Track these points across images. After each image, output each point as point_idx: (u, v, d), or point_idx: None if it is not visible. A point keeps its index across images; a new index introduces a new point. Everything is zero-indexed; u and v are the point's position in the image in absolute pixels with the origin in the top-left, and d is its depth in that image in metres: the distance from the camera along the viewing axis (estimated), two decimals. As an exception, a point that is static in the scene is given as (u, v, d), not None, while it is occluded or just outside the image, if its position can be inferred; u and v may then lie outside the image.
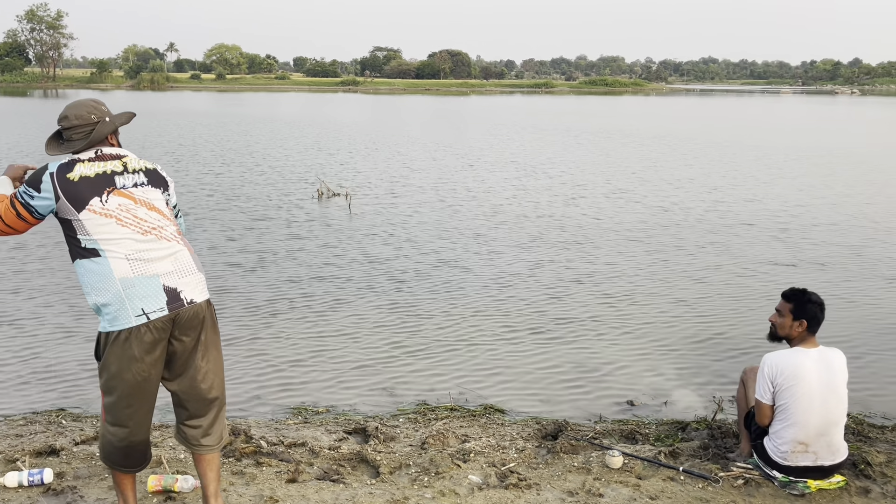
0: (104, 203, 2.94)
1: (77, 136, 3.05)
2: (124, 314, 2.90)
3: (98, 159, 3.03)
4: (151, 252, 2.96)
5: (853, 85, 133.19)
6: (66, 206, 2.91)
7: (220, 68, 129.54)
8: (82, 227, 2.92)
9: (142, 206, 3.01)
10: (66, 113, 3.08)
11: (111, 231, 2.92)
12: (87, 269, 2.94)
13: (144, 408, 3.06)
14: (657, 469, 3.94)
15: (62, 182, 2.92)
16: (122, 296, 2.90)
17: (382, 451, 4.31)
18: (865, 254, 9.52)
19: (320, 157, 20.49)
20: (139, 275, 2.92)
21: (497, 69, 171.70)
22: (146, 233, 2.98)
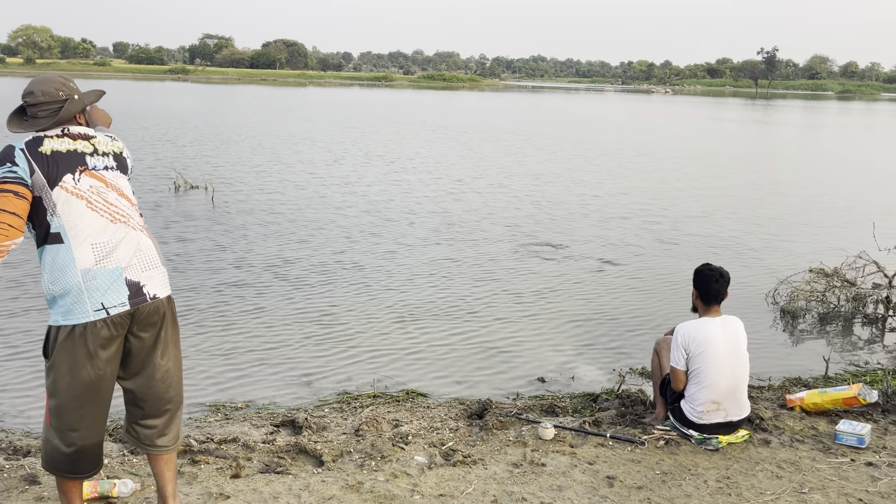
0: (76, 182, 2.75)
1: (43, 114, 2.84)
2: (81, 307, 2.70)
3: (67, 136, 2.82)
4: (116, 242, 2.77)
5: (666, 85, 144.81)
6: (40, 181, 2.69)
7: (29, 52, 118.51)
8: (52, 207, 2.70)
9: (112, 190, 2.84)
10: (31, 88, 2.86)
11: (80, 214, 2.72)
12: (51, 257, 2.72)
13: (98, 409, 2.83)
14: (586, 437, 4.25)
15: (34, 155, 2.71)
16: (81, 287, 2.69)
17: (319, 440, 4.31)
18: (724, 236, 10.57)
19: (170, 150, 19.44)
20: (102, 267, 2.73)
21: (335, 61, 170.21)
22: (114, 220, 2.80)
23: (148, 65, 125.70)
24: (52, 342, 2.79)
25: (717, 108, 63.56)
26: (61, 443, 2.82)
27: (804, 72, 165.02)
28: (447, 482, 3.72)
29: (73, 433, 2.81)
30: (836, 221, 12.07)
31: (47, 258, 2.74)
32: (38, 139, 2.78)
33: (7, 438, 4.35)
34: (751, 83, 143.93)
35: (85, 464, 2.89)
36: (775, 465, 3.85)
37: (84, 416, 2.81)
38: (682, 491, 3.58)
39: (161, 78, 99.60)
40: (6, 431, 4.53)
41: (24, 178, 2.69)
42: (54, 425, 2.82)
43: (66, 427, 2.80)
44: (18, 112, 2.94)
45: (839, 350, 6.29)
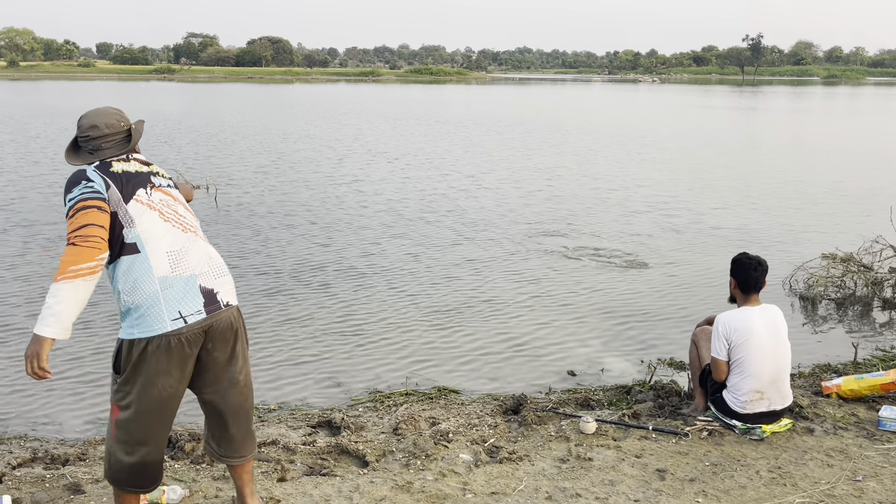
0: (149, 195, 2.80)
1: (108, 145, 2.89)
2: (158, 316, 2.70)
3: (133, 161, 2.92)
4: (189, 250, 2.81)
5: (653, 74, 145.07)
6: (115, 195, 2.73)
7: (12, 54, 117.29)
8: (128, 218, 2.72)
9: (179, 204, 2.92)
10: (94, 122, 2.89)
11: (154, 224, 2.76)
12: (126, 267, 2.73)
13: (165, 425, 2.88)
14: (627, 430, 4.24)
15: (108, 174, 2.77)
16: (158, 296, 2.71)
17: (359, 440, 4.29)
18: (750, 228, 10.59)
19: (169, 151, 19.29)
20: (178, 274, 2.75)
21: (320, 57, 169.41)
22: (186, 230, 2.84)
23: (133, 65, 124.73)
24: (124, 356, 2.77)
25: (707, 96, 63.75)
26: (126, 456, 2.83)
27: (789, 58, 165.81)
28: (497, 479, 3.70)
29: (140, 447, 2.82)
30: (851, 208, 12.07)
31: (122, 269, 2.74)
32: (106, 162, 2.84)
33: (43, 447, 4.31)
34: (737, 70, 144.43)
35: (147, 478, 2.91)
36: (824, 454, 3.85)
37: (152, 431, 2.83)
38: (735, 482, 3.57)
39: (146, 78, 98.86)
40: (41, 440, 4.49)
41: (102, 192, 2.72)
42: (120, 438, 2.82)
43: (132, 441, 2.81)
44: (74, 146, 2.95)
45: (863, 335, 6.31)
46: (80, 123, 2.92)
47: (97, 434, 4.56)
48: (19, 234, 9.59)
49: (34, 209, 11.15)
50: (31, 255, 8.55)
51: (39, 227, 9.97)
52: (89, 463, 4.03)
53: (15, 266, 8.07)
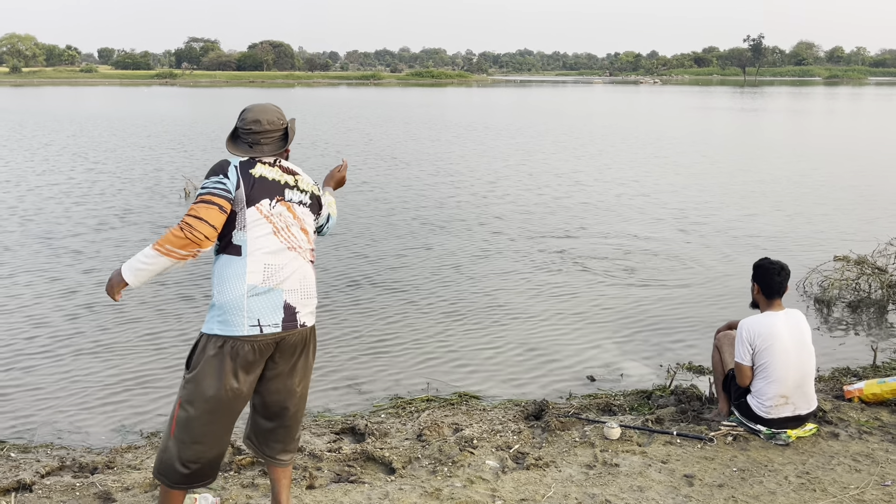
0: (271, 207, 2.89)
1: (267, 141, 2.99)
2: (238, 319, 2.81)
3: (277, 167, 2.99)
4: (287, 267, 2.89)
5: (654, 75, 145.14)
6: (241, 197, 2.84)
7: (14, 60, 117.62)
8: (242, 222, 2.84)
9: (297, 224, 2.97)
10: (258, 117, 2.98)
11: (264, 234, 2.86)
12: (224, 263, 2.86)
13: (226, 427, 2.94)
14: (652, 436, 4.26)
15: (245, 175, 2.87)
16: (243, 300, 2.81)
17: (384, 447, 4.30)
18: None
19: (178, 156, 19.33)
20: (268, 286, 2.85)
21: (321, 61, 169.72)
22: (291, 248, 2.93)
23: (134, 70, 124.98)
24: (198, 351, 2.87)
25: (711, 97, 63.76)
26: (182, 453, 2.89)
27: (790, 58, 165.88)
28: (525, 486, 3.72)
29: (198, 446, 2.89)
30: (864, 210, 12.03)
31: (220, 265, 2.89)
32: (252, 161, 2.94)
33: (70, 455, 4.33)
34: (738, 71, 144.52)
35: (199, 476, 2.98)
36: (850, 459, 3.87)
37: (212, 431, 2.90)
38: (764, 488, 3.58)
39: (148, 83, 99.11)
40: (68, 448, 4.51)
41: (230, 191, 2.84)
42: (178, 436, 2.89)
43: (190, 440, 2.87)
44: (234, 136, 3.04)
45: (880, 338, 6.32)
46: (243, 116, 3.01)
47: (123, 442, 4.58)
48: (35, 248, 9.62)
49: (52, 220, 11.17)
50: (52, 270, 8.58)
51: (60, 240, 9.99)
52: (118, 471, 4.05)
53: (32, 283, 8.10)
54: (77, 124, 29.31)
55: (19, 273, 8.04)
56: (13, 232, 9.91)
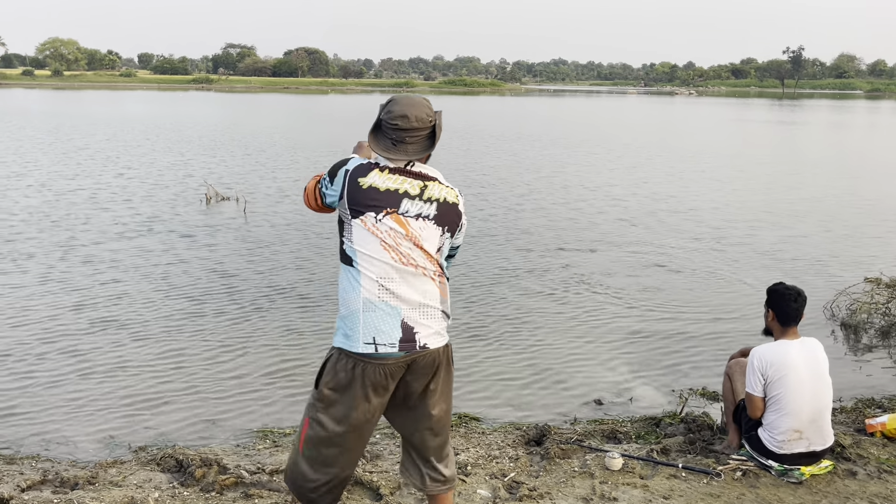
0: (377, 221, 2.68)
1: (412, 140, 2.71)
2: (356, 334, 2.67)
3: (399, 173, 2.71)
4: (403, 284, 2.68)
5: (689, 86, 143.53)
6: (344, 208, 2.72)
7: (56, 64, 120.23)
8: (349, 233, 2.71)
9: (409, 240, 2.69)
10: (405, 111, 2.70)
11: (371, 248, 2.68)
12: (344, 277, 2.75)
13: (357, 448, 2.82)
14: (656, 468, 4.02)
15: (351, 184, 2.70)
16: (359, 316, 2.67)
17: (374, 470, 4.13)
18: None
19: (209, 162, 19.44)
20: (382, 301, 2.66)
21: (356, 68, 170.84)
22: (406, 264, 2.70)
23: (172, 75, 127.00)
24: (328, 371, 2.75)
25: (750, 109, 62.74)
26: (312, 473, 2.81)
27: (831, 71, 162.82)
28: (516, 520, 3.51)
29: (327, 468, 2.79)
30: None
31: (342, 278, 2.79)
32: (368, 167, 2.72)
33: (54, 469, 4.22)
34: (776, 83, 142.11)
35: (328, 498, 2.87)
36: (867, 500, 3.60)
37: (342, 453, 2.79)
38: (771, 531, 3.33)
39: (185, 88, 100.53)
40: (53, 461, 4.40)
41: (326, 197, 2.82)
42: (307, 454, 2.80)
43: (320, 460, 2.78)
44: (377, 128, 2.78)
45: (909, 367, 5.98)
46: (389, 108, 2.75)
47: (109, 456, 4.46)
48: (58, 255, 9.64)
49: (77, 226, 11.21)
50: (68, 280, 8.57)
51: (82, 248, 10.00)
52: (98, 488, 3.93)
53: (49, 293, 8.07)
54: (112, 128, 29.71)
55: (34, 283, 7.93)
56: (35, 238, 9.88)
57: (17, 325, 6.51)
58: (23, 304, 7.06)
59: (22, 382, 5.42)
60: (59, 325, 6.54)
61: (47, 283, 7.79)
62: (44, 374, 5.56)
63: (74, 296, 7.34)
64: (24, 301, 7.15)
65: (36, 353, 5.92)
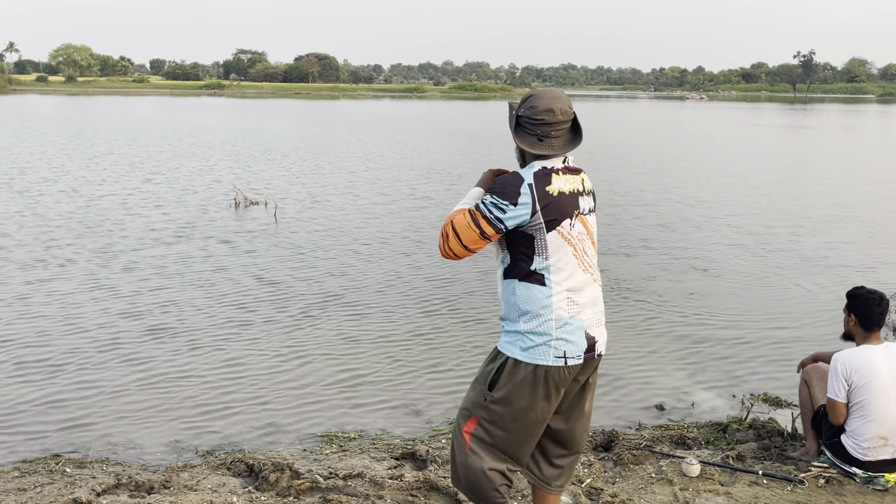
0: (571, 227, 2.60)
1: (557, 134, 2.63)
2: (544, 351, 2.62)
3: (568, 172, 2.64)
4: (585, 294, 2.66)
5: (700, 91, 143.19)
6: (538, 223, 2.55)
7: (70, 70, 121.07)
8: (543, 248, 2.58)
9: (589, 238, 2.68)
10: (550, 105, 2.62)
11: (567, 261, 2.60)
12: (526, 293, 2.62)
13: (529, 446, 2.82)
14: (734, 474, 3.98)
15: (542, 195, 2.55)
16: (552, 335, 2.61)
17: (448, 476, 4.10)
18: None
19: (235, 167, 19.49)
20: (573, 317, 2.63)
21: (366, 73, 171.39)
22: (585, 271, 2.66)
23: (184, 80, 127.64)
24: (507, 375, 2.69)
25: (764, 113, 62.45)
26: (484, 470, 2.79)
27: (842, 75, 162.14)
28: (603, 526, 3.48)
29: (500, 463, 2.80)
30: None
31: (521, 294, 2.64)
32: (547, 174, 2.61)
33: (126, 472, 4.22)
34: (787, 88, 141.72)
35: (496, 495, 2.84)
36: (958, 509, 3.55)
37: (519, 451, 2.80)
38: (867, 539, 3.29)
39: (198, 93, 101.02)
40: (123, 465, 4.40)
41: (505, 224, 2.57)
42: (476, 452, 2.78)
43: (494, 459, 2.78)
44: (517, 126, 2.70)
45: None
46: (531, 104, 2.65)
47: (178, 460, 4.46)
48: (98, 262, 9.66)
49: (113, 233, 11.25)
50: (114, 285, 8.58)
51: (124, 254, 10.02)
52: (174, 492, 3.93)
53: (96, 299, 8.09)
54: (133, 133, 29.88)
55: (82, 290, 7.87)
56: (73, 244, 9.89)
57: (72, 333, 6.50)
58: (74, 312, 7.05)
59: (84, 390, 5.42)
60: (113, 333, 6.52)
61: (95, 289, 7.77)
62: (105, 382, 5.55)
63: (123, 303, 7.33)
64: (74, 309, 7.14)
65: (95, 362, 5.90)
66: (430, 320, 7.03)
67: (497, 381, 2.70)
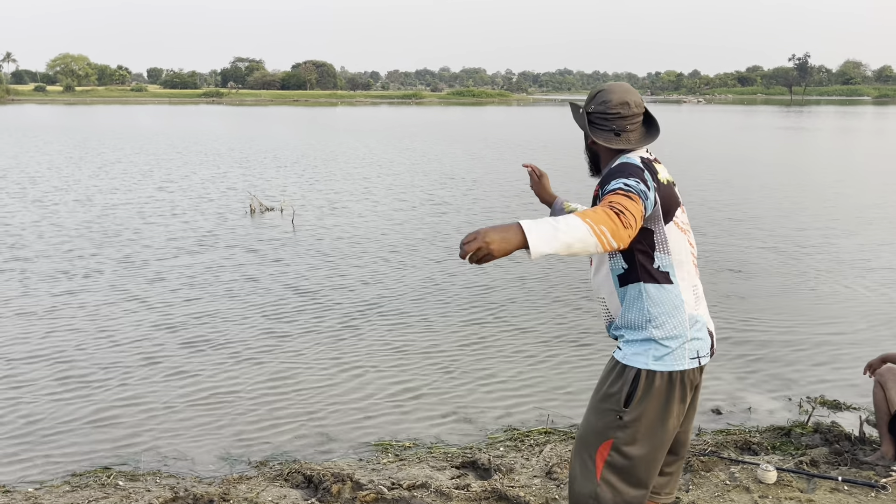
0: (681, 217, 2.46)
1: (633, 128, 2.51)
2: (680, 354, 2.44)
3: (659, 163, 2.52)
4: (699, 287, 2.53)
5: (697, 95, 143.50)
6: (657, 213, 2.39)
7: (67, 80, 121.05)
8: (663, 243, 2.42)
9: (690, 229, 2.55)
10: (623, 98, 2.52)
11: (685, 255, 2.46)
12: (658, 295, 2.44)
13: (660, 464, 2.57)
14: (812, 481, 3.87)
15: (658, 183, 2.40)
16: (686, 335, 2.44)
17: (515, 485, 4.00)
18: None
19: (247, 173, 19.38)
20: (699, 313, 2.49)
21: (363, 80, 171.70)
22: (695, 264, 2.54)
23: (182, 89, 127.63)
24: (642, 390, 2.45)
25: (763, 116, 62.44)
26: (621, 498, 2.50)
27: (837, 77, 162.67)
28: (688, 535, 3.37)
29: (637, 490, 2.51)
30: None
31: (652, 296, 2.45)
32: (649, 162, 2.47)
33: (181, 485, 4.10)
34: (783, 90, 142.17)
35: None
36: None
37: (653, 472, 2.54)
38: (969, 546, 3.19)
39: (196, 101, 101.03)
40: (177, 477, 4.28)
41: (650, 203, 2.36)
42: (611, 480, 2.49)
43: (631, 483, 2.50)
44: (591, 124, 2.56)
45: None
46: (604, 99, 2.54)
47: (232, 471, 4.35)
48: (122, 272, 9.54)
49: (136, 243, 11.13)
50: (148, 297, 8.46)
51: (150, 264, 9.90)
52: (235, 504, 3.81)
53: (132, 311, 7.97)
54: (139, 142, 29.78)
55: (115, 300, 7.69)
56: (97, 254, 9.74)
57: (110, 347, 6.33)
58: (109, 325, 6.88)
59: (128, 403, 5.28)
60: (152, 346, 6.33)
61: (126, 301, 7.61)
62: (149, 395, 5.42)
63: (156, 315, 7.17)
64: (108, 321, 6.98)
65: (137, 376, 5.75)
66: (475, 329, 6.86)
67: (632, 397, 2.47)
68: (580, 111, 2.64)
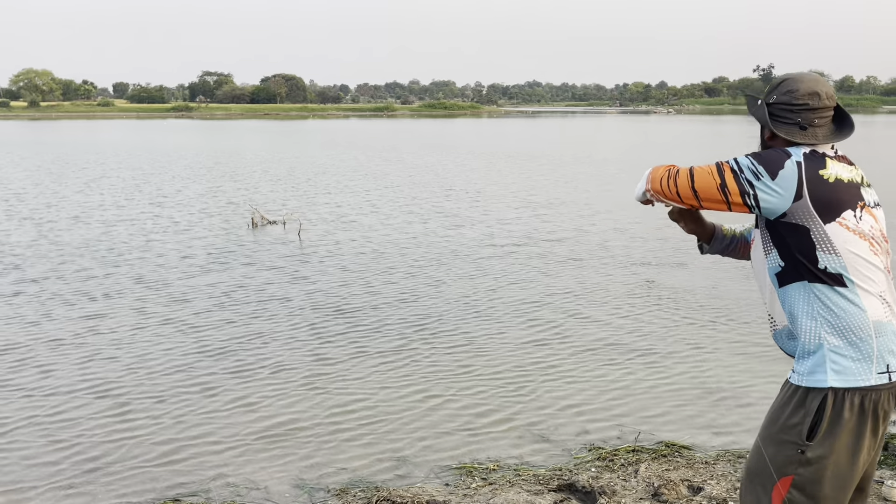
0: (858, 220, 2.21)
1: (822, 122, 2.29)
2: (865, 366, 2.17)
3: (840, 160, 2.28)
4: (889, 295, 2.25)
5: (666, 105, 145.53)
6: (807, 211, 2.18)
7: (32, 95, 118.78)
8: (826, 242, 2.18)
9: (881, 233, 2.29)
10: (813, 88, 2.29)
11: (865, 258, 2.21)
12: (822, 297, 2.20)
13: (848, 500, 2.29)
14: (935, 495, 3.74)
15: (813, 178, 2.18)
16: (871, 344, 2.17)
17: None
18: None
19: (242, 187, 19.02)
20: (888, 320, 2.21)
21: (333, 93, 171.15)
22: (888, 269, 2.28)
23: (149, 103, 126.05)
24: (829, 414, 2.16)
25: (735, 125, 63.43)
26: None
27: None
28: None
29: None
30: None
31: (819, 296, 2.23)
32: (820, 157, 2.25)
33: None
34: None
35: None
36: None
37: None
38: None
39: (165, 116, 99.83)
40: (235, 506, 4.01)
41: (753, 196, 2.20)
42: None
43: None
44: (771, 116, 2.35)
45: None
46: (790, 88, 2.32)
47: (311, 499, 4.09)
48: (143, 294, 9.16)
49: (153, 261, 10.75)
50: (176, 318, 8.10)
51: (171, 285, 9.53)
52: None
53: (165, 334, 7.62)
54: (118, 157, 29.17)
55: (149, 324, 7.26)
56: (111, 274, 9.30)
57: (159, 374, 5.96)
58: (147, 351, 6.47)
59: (189, 432, 4.96)
60: (200, 372, 5.99)
61: (161, 325, 7.19)
62: (209, 423, 5.09)
63: (193, 339, 6.79)
64: (147, 347, 6.58)
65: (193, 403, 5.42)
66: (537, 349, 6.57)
67: (817, 428, 2.18)
68: (758, 102, 2.41)
